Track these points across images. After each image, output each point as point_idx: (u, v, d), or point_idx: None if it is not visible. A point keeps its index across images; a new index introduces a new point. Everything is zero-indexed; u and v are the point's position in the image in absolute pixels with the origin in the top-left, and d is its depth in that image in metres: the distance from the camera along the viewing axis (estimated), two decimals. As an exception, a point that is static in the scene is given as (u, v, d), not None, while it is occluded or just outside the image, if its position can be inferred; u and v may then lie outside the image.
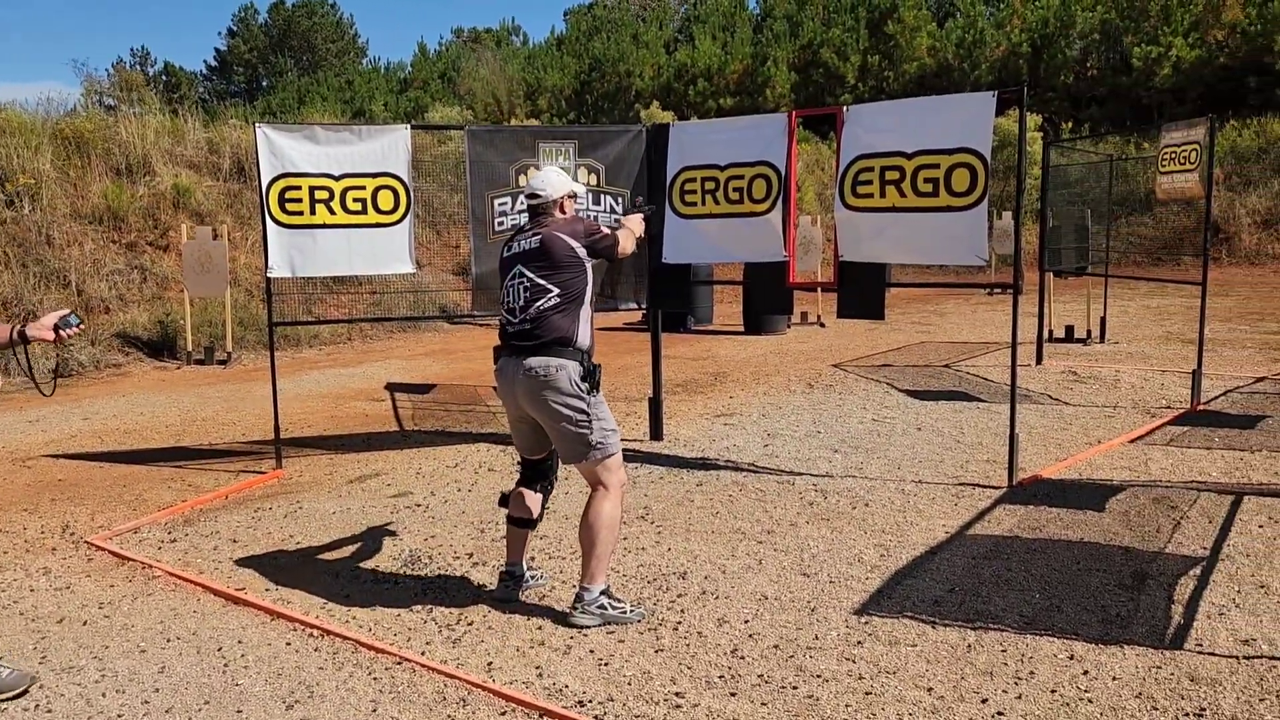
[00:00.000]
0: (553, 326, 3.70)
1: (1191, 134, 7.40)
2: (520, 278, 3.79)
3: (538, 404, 3.68)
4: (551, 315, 3.71)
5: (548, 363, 3.65)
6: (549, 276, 3.74)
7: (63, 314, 3.38)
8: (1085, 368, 9.11)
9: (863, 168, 5.59)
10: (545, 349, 3.67)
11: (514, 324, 3.77)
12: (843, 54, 29.73)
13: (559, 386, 3.63)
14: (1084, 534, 4.56)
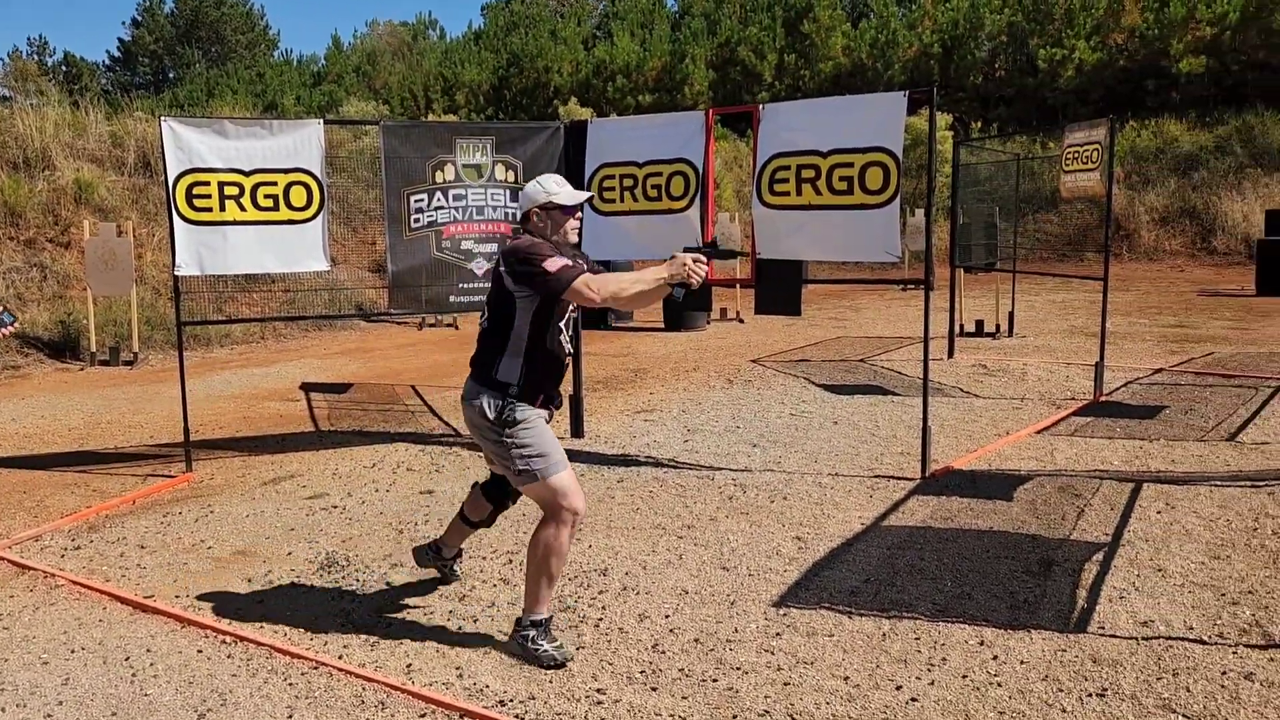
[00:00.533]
0: (481, 350, 3.53)
1: (1093, 134, 7.66)
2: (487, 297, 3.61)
3: (474, 429, 3.54)
4: (483, 340, 3.53)
5: (470, 388, 3.51)
6: (491, 299, 3.53)
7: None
8: (995, 361, 9.37)
9: (779, 166, 5.66)
10: (474, 374, 3.53)
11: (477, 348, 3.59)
12: (760, 52, 30.04)
13: (476, 415, 3.47)
14: (993, 523, 4.70)
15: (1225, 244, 20.40)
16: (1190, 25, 24.68)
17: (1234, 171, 21.68)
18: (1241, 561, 4.11)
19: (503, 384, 3.43)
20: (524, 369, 3.44)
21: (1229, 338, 10.60)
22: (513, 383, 3.44)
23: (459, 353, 11.07)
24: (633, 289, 3.38)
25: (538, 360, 3.45)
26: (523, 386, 3.44)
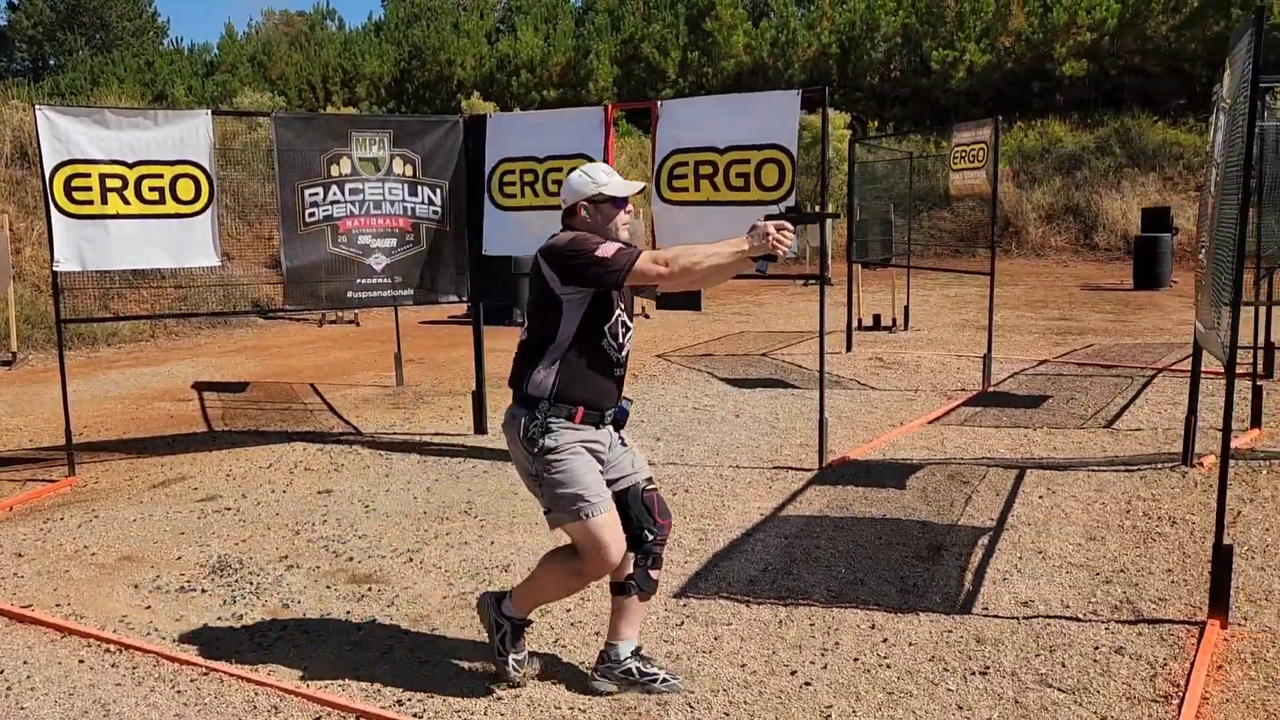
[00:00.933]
0: (519, 365, 3.08)
1: (979, 134, 7.94)
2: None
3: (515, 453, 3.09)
4: (522, 353, 3.07)
5: (509, 409, 3.08)
6: (533, 300, 3.08)
7: None
8: (890, 354, 9.63)
9: (678, 162, 5.72)
10: (514, 391, 3.09)
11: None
12: (663, 49, 30.21)
13: (513, 438, 3.04)
14: (886, 510, 4.84)
15: (1106, 240, 21.32)
16: (1072, 30, 25.71)
17: (1113, 171, 22.66)
18: (1115, 542, 4.32)
19: (533, 398, 2.98)
20: (558, 377, 2.97)
21: (1108, 330, 11.09)
22: (543, 396, 2.96)
23: (360, 349, 10.88)
24: (708, 262, 2.94)
25: (575, 367, 2.98)
26: (555, 399, 2.96)
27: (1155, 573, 3.96)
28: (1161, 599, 3.71)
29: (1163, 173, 22.45)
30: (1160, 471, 5.38)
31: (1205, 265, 3.68)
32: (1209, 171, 4.18)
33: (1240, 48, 3.29)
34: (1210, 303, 3.50)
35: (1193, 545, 4.24)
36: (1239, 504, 4.80)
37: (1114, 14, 25.09)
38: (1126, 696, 3.00)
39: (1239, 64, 3.29)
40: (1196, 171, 22.18)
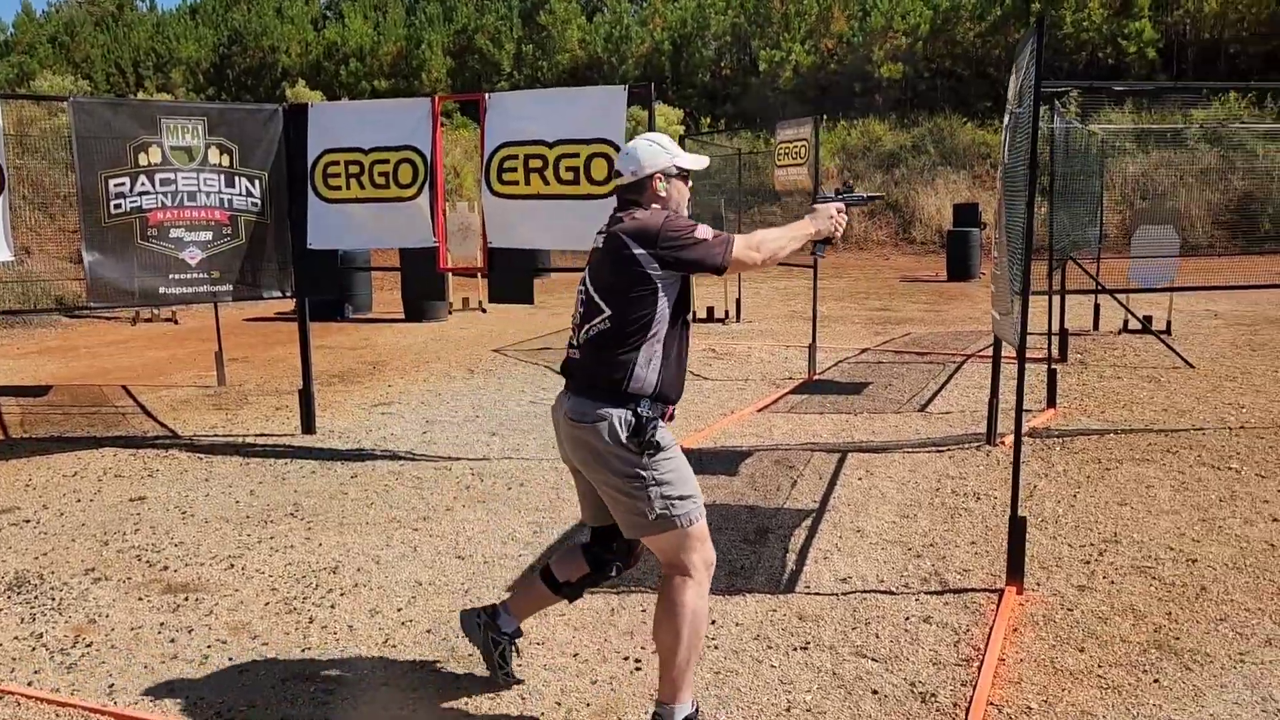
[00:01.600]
0: (602, 361, 2.74)
1: (800, 131, 8.24)
2: (581, 287, 2.87)
3: (581, 459, 2.82)
4: (603, 346, 2.74)
5: (588, 409, 2.73)
6: (606, 293, 2.76)
7: None
8: (723, 345, 9.88)
9: (507, 155, 5.69)
10: (592, 390, 2.75)
11: (570, 348, 2.90)
12: (498, 41, 29.97)
13: (598, 439, 2.71)
14: (716, 497, 4.97)
15: (923, 234, 22.50)
16: (888, 34, 27.01)
17: (928, 169, 23.93)
18: (925, 519, 4.59)
19: (634, 395, 2.71)
20: (661, 373, 2.74)
21: (924, 319, 11.73)
22: (648, 394, 2.73)
23: (178, 348, 10.34)
24: (789, 246, 2.91)
25: (670, 360, 2.77)
26: (656, 397, 2.75)
27: (961, 545, 4.24)
28: (966, 570, 3.96)
29: (972, 170, 23.85)
30: (967, 451, 5.75)
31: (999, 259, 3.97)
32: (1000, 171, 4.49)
33: (1025, 55, 3.56)
34: (1004, 293, 3.77)
35: (994, 518, 4.55)
36: (1035, 479, 5.18)
37: (926, 20, 26.50)
38: (933, 662, 3.20)
39: (1024, 70, 3.55)
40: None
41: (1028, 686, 3.03)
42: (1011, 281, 3.72)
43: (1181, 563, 3.98)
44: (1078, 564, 4.01)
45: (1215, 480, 5.08)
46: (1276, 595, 3.65)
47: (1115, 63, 25.14)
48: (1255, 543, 4.19)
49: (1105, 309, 10.01)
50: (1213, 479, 5.10)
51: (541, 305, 14.05)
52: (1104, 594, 3.70)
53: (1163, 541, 4.23)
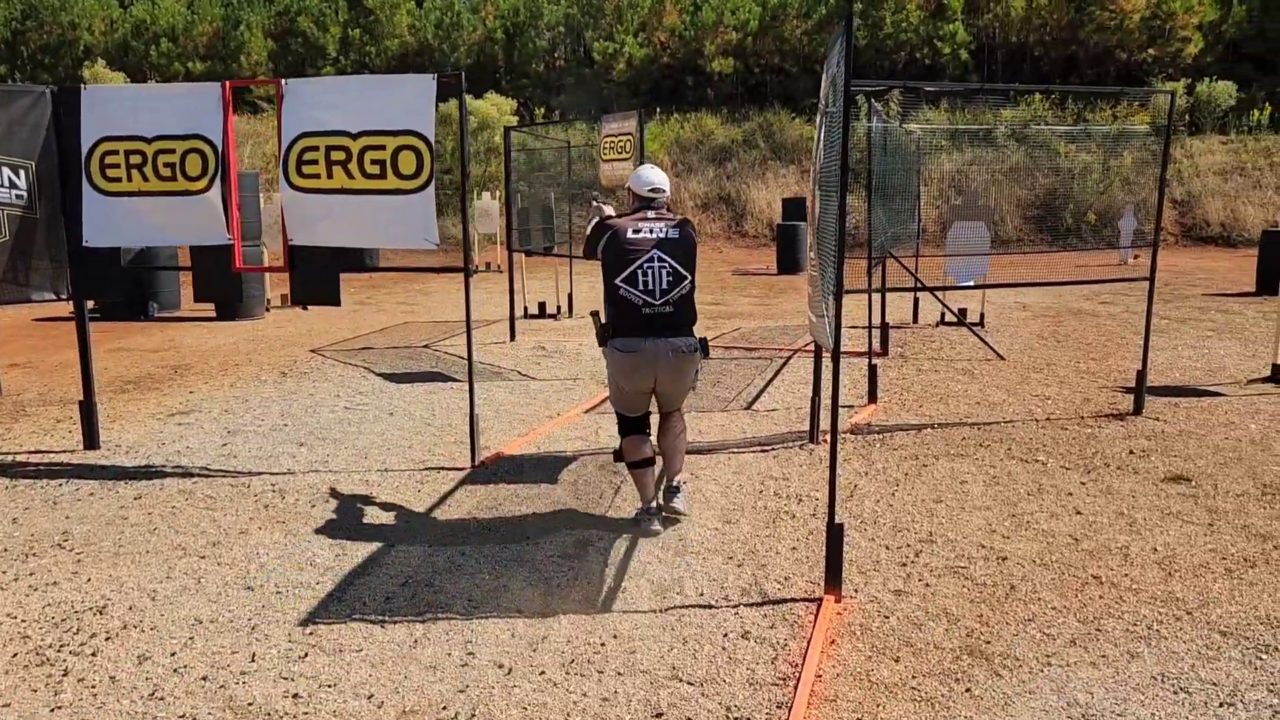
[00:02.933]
0: (687, 310, 4.27)
1: (625, 125, 8.09)
2: (660, 262, 4.20)
3: (679, 373, 4.31)
4: (687, 301, 4.27)
5: (690, 340, 4.28)
6: (686, 264, 4.25)
7: None
8: (554, 342, 9.66)
9: (307, 146, 5.29)
10: (687, 328, 4.28)
11: (654, 305, 4.19)
12: (322, 24, 28.72)
13: (688, 351, 4.27)
14: (537, 507, 4.76)
15: (754, 228, 22.91)
16: (720, 29, 27.32)
17: (759, 163, 24.39)
18: (748, 524, 4.51)
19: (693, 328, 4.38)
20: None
21: (754, 313, 11.84)
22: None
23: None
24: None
25: None
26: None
27: (781, 552, 4.17)
28: (786, 578, 3.89)
29: (800, 165, 24.43)
30: (791, 450, 5.73)
31: (814, 260, 3.90)
32: (813, 171, 4.45)
33: (834, 54, 3.48)
34: (819, 294, 3.70)
35: (815, 522, 4.51)
36: (856, 478, 5.19)
37: (755, 16, 26.93)
38: (750, 682, 3.08)
39: (833, 69, 3.48)
40: (829, 165, 24.46)
41: (843, 704, 2.94)
42: (825, 283, 3.65)
43: (993, 561, 4.03)
44: (895, 567, 3.99)
45: (1024, 474, 5.22)
46: (1079, 591, 3.72)
47: (931, 63, 26.22)
48: (1060, 537, 4.29)
49: (924, 301, 10.34)
50: (1021, 473, 5.24)
51: (367, 301, 13.52)
52: (919, 598, 3.69)
53: (975, 539, 4.28)
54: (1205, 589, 3.71)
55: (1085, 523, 4.46)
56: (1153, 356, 8.44)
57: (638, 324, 4.21)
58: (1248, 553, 4.06)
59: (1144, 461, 5.38)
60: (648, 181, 4.52)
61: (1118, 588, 3.74)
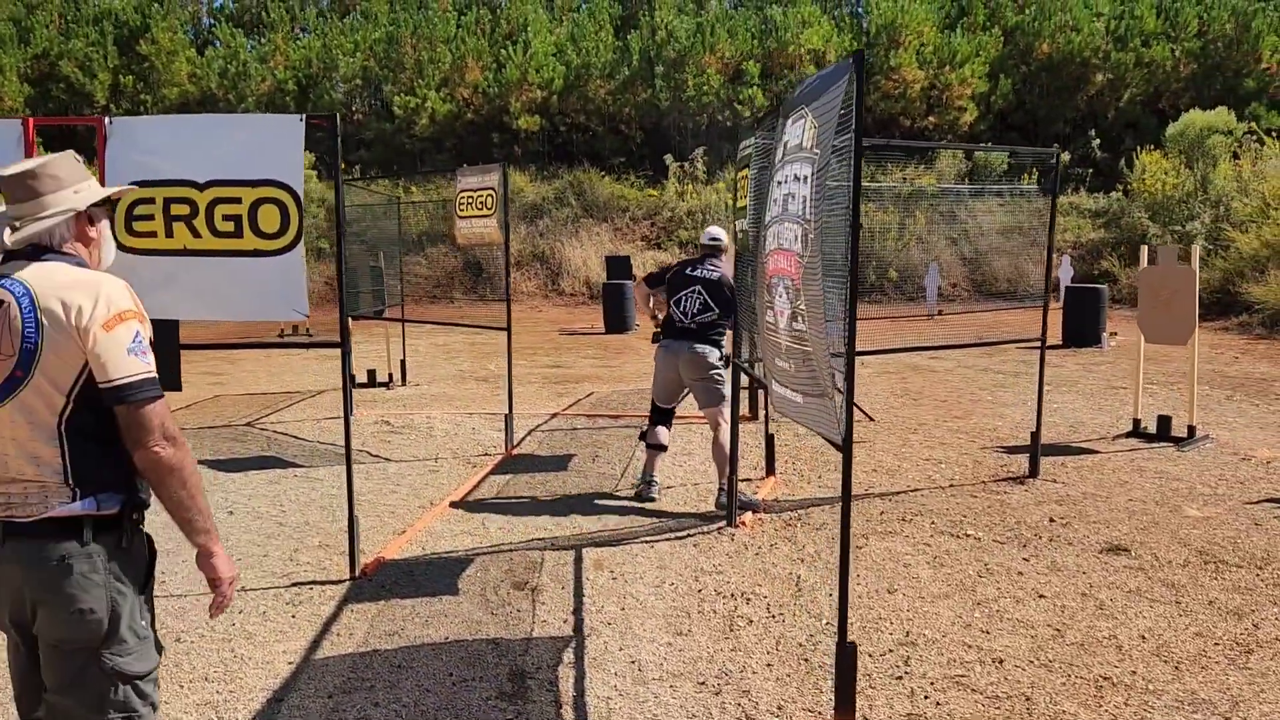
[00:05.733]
0: (712, 330, 5.73)
1: (486, 180, 7.45)
2: (698, 294, 5.74)
3: (693, 363, 5.69)
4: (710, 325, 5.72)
5: (702, 348, 5.69)
6: (715, 301, 5.71)
7: None
8: (398, 415, 8.75)
9: (140, 198, 4.35)
10: (704, 342, 5.70)
11: (685, 322, 5.74)
12: (89, 70, 26.30)
13: (703, 358, 5.67)
14: (448, 630, 3.98)
15: (571, 285, 22.53)
16: (524, 87, 27.05)
17: (571, 221, 24.12)
18: (702, 635, 3.92)
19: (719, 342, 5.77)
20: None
21: (600, 375, 11.31)
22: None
23: None
24: None
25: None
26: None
27: (757, 670, 3.60)
28: (779, 707, 3.32)
29: (614, 223, 24.38)
30: (709, 536, 5.19)
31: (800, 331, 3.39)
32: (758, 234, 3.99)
33: (829, 98, 3.04)
34: (813, 372, 3.21)
35: (776, 626, 3.98)
36: (792, 566, 4.72)
37: (560, 75, 26.85)
38: None
39: (828, 114, 3.04)
40: (640, 223, 24.47)
41: None
42: (818, 357, 3.15)
43: (990, 665, 3.62)
44: (890, 681, 3.51)
45: (961, 551, 4.90)
46: (1098, 698, 3.36)
47: (732, 125, 26.94)
48: (1040, 628, 3.95)
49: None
50: (959, 550, 4.92)
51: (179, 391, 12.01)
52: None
53: (955, 637, 3.87)
54: (1225, 686, 3.44)
55: (1054, 608, 4.15)
56: (1010, 414, 8.56)
57: (675, 332, 5.83)
58: (1236, 636, 3.85)
59: (1070, 531, 5.20)
60: (709, 235, 6.01)
61: (1134, 689, 3.41)
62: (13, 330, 2.04)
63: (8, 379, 2.06)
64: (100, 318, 2.06)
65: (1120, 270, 19.13)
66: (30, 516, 2.08)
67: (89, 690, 2.10)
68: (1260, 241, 16.02)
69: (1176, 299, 7.05)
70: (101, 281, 2.12)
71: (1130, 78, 24.33)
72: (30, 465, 2.08)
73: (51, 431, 2.08)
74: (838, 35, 26.25)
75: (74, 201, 2.22)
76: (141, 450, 2.09)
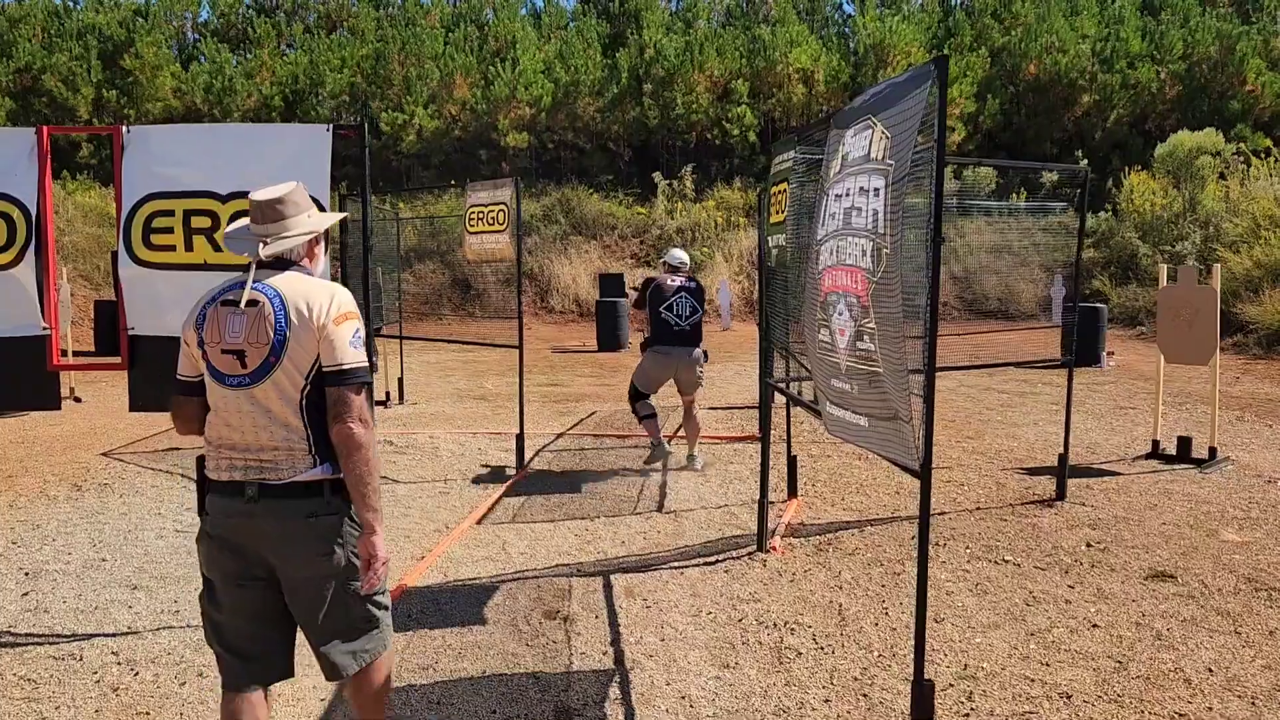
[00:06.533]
0: (699, 330, 6.87)
1: (498, 194, 7.29)
2: (686, 301, 6.84)
3: (690, 367, 6.81)
4: (698, 325, 6.87)
5: (697, 352, 6.83)
6: (699, 304, 6.90)
7: None
8: (400, 435, 8.54)
9: (159, 210, 4.18)
10: (697, 342, 6.84)
11: (680, 325, 6.77)
12: (72, 84, 25.96)
13: (696, 358, 6.81)
14: (484, 664, 3.79)
15: (561, 303, 22.38)
16: (513, 104, 26.94)
17: (560, 238, 23.98)
18: (752, 668, 3.76)
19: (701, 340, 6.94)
20: None
21: (600, 394, 11.14)
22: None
23: None
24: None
25: None
26: None
27: (816, 706, 3.44)
28: (848, 744, 3.16)
29: (602, 241, 24.26)
30: (740, 561, 5.03)
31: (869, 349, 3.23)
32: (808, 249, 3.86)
33: (906, 106, 2.91)
34: (883, 391, 3.07)
35: (827, 658, 3.83)
36: (832, 594, 4.56)
37: (548, 92, 26.76)
38: None
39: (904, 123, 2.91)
40: (629, 240, 24.35)
41: None
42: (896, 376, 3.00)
43: (1058, 701, 3.47)
44: (956, 718, 3.36)
45: (1003, 578, 4.77)
46: (1176, 732, 3.22)
47: (721, 143, 26.94)
48: (1100, 659, 3.81)
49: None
50: (1000, 577, 4.79)
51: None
52: (1012, 758, 3.06)
53: (1015, 670, 3.72)
54: (1305, 718, 3.31)
55: (1111, 638, 4.02)
56: (1023, 434, 8.46)
57: (670, 336, 6.76)
58: (1304, 665, 3.72)
59: (1110, 556, 5.08)
60: (676, 257, 7.20)
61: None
62: (268, 325, 2.53)
63: (263, 362, 2.53)
64: (333, 315, 2.54)
65: (1111, 290, 19.16)
66: (281, 480, 2.52)
67: (344, 610, 2.60)
68: (1252, 261, 16.09)
69: (1198, 319, 6.98)
70: (334, 289, 2.62)
71: (1116, 99, 24.50)
72: (281, 432, 2.52)
73: (296, 406, 2.54)
74: (826, 54, 26.33)
75: (313, 225, 2.73)
76: (340, 424, 2.50)
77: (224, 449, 2.56)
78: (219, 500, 2.56)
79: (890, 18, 26.48)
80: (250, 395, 2.52)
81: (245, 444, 2.53)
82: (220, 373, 2.55)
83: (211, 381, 2.58)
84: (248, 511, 2.52)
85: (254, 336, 2.52)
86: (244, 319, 2.54)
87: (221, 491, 2.55)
